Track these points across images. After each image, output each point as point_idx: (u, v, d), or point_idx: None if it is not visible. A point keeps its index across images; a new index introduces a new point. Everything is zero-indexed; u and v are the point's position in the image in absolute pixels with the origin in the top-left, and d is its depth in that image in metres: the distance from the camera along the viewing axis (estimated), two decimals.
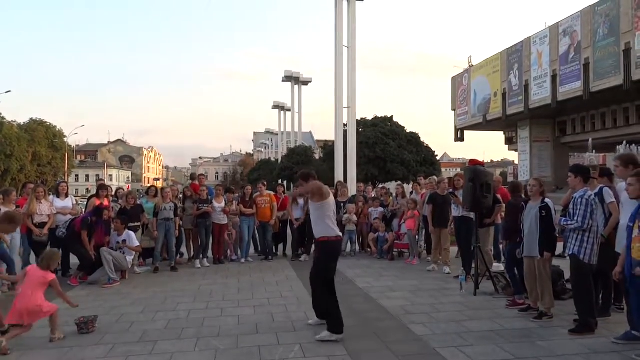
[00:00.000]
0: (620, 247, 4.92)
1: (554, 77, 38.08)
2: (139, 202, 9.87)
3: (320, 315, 5.53)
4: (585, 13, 35.28)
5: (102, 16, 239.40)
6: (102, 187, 9.52)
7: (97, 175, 78.84)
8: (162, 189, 10.68)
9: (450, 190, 8.99)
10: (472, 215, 7.77)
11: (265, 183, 11.47)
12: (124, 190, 11.39)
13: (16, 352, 4.98)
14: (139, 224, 9.40)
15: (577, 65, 35.83)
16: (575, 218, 5.22)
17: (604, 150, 33.58)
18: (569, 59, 36.73)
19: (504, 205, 7.88)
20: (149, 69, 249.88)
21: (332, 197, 5.59)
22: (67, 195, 9.20)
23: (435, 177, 10.66)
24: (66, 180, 53.33)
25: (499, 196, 8.21)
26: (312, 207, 5.54)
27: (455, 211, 8.61)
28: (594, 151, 32.15)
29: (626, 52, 31.38)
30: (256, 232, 10.94)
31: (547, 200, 5.87)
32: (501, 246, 9.08)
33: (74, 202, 9.32)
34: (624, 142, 30.69)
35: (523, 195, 6.91)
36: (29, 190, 8.80)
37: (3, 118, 47.16)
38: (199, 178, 11.49)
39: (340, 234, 5.66)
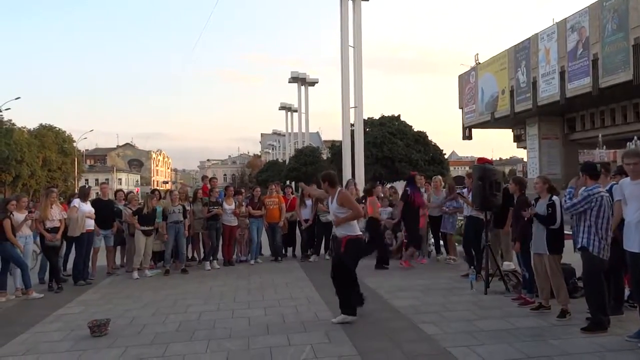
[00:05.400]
0: (628, 244, 4.85)
1: (562, 74, 37.71)
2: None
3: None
4: (593, 8, 34.93)
5: (110, 22, 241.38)
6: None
7: (107, 179, 79.23)
8: (170, 191, 10.74)
9: (459, 190, 9.00)
10: (481, 214, 7.72)
11: (279, 183, 11.44)
12: (134, 194, 11.49)
13: (30, 355, 5.06)
14: (152, 227, 9.36)
15: (586, 61, 35.45)
16: (569, 201, 5.34)
17: (614, 146, 33.27)
18: (577, 55, 36.36)
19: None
20: (156, 73, 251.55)
21: None
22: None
23: (439, 177, 10.68)
24: (76, 184, 53.80)
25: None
26: (339, 211, 5.81)
27: (465, 210, 8.59)
28: (604, 147, 31.85)
29: (635, 47, 31.00)
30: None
31: (554, 197, 5.84)
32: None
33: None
34: (635, 138, 30.36)
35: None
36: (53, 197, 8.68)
37: (13, 124, 47.53)
38: (211, 181, 11.54)
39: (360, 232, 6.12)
